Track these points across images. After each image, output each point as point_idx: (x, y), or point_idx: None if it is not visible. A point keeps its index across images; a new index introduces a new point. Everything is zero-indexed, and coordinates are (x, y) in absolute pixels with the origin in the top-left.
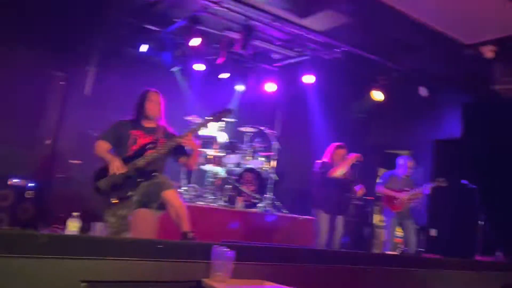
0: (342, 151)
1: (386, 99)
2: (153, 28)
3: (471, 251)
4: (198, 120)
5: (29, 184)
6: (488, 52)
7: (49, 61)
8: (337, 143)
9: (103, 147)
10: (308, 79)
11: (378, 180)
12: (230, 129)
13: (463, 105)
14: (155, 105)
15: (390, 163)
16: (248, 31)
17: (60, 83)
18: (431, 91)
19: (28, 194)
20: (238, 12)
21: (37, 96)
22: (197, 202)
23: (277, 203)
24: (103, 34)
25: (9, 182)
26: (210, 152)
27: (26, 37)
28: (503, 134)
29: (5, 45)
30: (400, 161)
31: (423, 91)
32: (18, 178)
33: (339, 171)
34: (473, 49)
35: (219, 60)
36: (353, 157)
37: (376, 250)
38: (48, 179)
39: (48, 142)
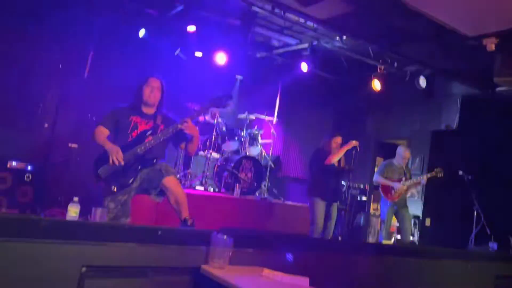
0: (338, 139)
1: (386, 88)
2: (153, 12)
3: (465, 241)
4: (197, 106)
5: (28, 167)
6: (490, 44)
7: (47, 44)
8: (334, 132)
9: (102, 133)
10: (308, 67)
11: (375, 169)
12: (229, 116)
13: (462, 97)
14: (155, 92)
15: (388, 153)
16: (249, 18)
17: (59, 66)
18: (431, 81)
19: (27, 177)
20: None
21: (35, 79)
22: (196, 189)
23: (274, 190)
24: (102, 17)
25: (8, 165)
26: (209, 138)
27: (24, 20)
28: (500, 126)
29: (1, 27)
30: (399, 150)
31: (422, 82)
32: (17, 161)
33: (335, 158)
34: (475, 41)
35: (218, 46)
36: (350, 143)
37: (371, 239)
38: (46, 162)
39: (46, 125)
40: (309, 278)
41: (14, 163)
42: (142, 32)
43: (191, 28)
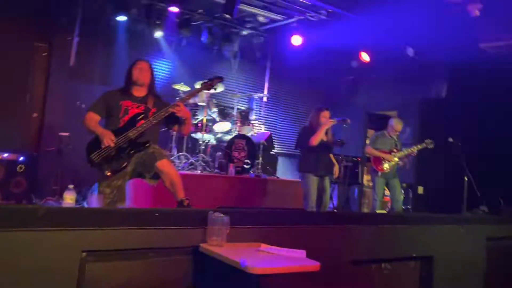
0: (326, 113)
1: (374, 60)
2: None
3: (457, 206)
4: (186, 88)
5: (20, 158)
6: (475, 10)
7: (31, 31)
8: (321, 106)
9: (93, 119)
10: (296, 42)
11: (367, 141)
12: (220, 96)
13: (450, 65)
14: (144, 72)
15: (378, 124)
16: None
17: (43, 54)
18: (418, 51)
19: (20, 168)
20: None
21: (20, 68)
22: (189, 170)
23: (268, 167)
24: (84, 2)
25: None
26: (201, 120)
27: (6, 8)
28: (488, 93)
29: None
30: (391, 122)
31: (410, 52)
32: (8, 153)
33: (318, 138)
34: (459, 7)
35: (203, 25)
36: (330, 122)
37: (365, 210)
38: (38, 152)
39: (35, 115)
40: (306, 250)
41: (5, 155)
42: (123, 18)
43: (174, 9)
